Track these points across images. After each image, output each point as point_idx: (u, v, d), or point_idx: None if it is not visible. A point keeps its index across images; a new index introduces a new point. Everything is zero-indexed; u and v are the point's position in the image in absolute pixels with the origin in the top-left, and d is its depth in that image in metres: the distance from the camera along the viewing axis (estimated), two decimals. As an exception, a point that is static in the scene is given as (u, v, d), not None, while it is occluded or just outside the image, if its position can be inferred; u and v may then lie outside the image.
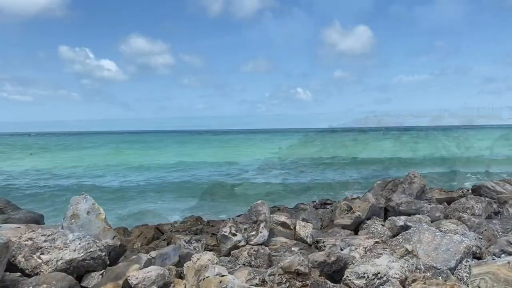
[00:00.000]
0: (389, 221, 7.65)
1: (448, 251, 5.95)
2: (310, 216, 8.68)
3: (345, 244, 6.28)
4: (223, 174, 28.92)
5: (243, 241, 6.42)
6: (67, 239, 5.31)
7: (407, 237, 6.41)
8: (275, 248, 6.64)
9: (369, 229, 7.54)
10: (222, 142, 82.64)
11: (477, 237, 6.82)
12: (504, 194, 10.02)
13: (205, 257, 5.06)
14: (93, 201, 6.16)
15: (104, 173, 30.70)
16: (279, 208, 11.04)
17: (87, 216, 5.99)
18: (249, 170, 31.74)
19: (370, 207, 8.02)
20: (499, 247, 6.37)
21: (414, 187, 9.20)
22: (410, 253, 5.36)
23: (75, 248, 5.21)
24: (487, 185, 10.51)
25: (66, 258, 5.12)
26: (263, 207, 6.92)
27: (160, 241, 8.58)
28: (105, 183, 25.29)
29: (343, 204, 8.13)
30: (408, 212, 8.36)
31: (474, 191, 10.82)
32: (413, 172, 9.66)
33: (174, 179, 26.69)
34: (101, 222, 6.02)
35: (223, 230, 6.48)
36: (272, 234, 7.09)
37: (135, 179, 26.92)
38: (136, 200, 19.52)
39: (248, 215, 6.85)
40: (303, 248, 6.76)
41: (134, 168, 33.49)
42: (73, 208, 6.04)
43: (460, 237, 6.24)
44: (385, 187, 9.43)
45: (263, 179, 26.49)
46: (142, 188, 23.22)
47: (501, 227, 7.83)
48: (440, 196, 10.64)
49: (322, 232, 7.67)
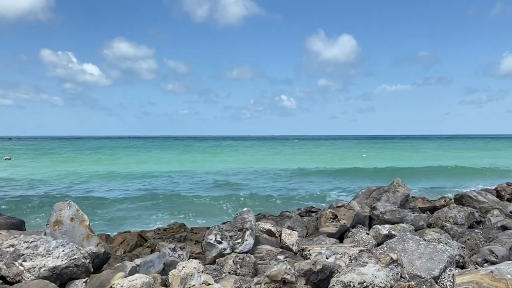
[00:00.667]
0: (373, 229, 7.69)
1: (431, 260, 5.99)
2: (295, 224, 8.68)
3: (331, 252, 6.27)
4: (200, 183, 28.76)
5: (229, 249, 6.38)
6: (50, 246, 5.21)
7: (392, 245, 6.44)
8: (260, 256, 6.61)
9: (354, 237, 7.56)
10: (204, 150, 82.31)
11: (460, 246, 6.88)
12: (486, 203, 10.16)
13: (190, 265, 5.02)
14: (77, 208, 6.08)
15: (85, 179, 30.31)
16: (265, 215, 11.01)
17: (70, 222, 5.90)
18: (233, 177, 31.69)
19: (355, 216, 8.05)
20: (482, 256, 6.44)
21: (398, 196, 9.27)
22: (395, 262, 5.37)
23: (58, 255, 5.12)
24: (470, 194, 10.65)
25: (49, 265, 5.03)
26: (248, 214, 6.90)
27: (144, 248, 8.48)
28: (85, 190, 24.97)
29: (328, 212, 8.14)
30: (392, 220, 8.41)
31: (456, 200, 10.95)
32: (397, 180, 9.73)
33: (152, 187, 26.48)
34: (85, 229, 5.94)
35: (208, 238, 6.43)
36: (258, 242, 7.06)
37: (115, 186, 26.59)
38: (118, 207, 19.31)
39: (234, 223, 6.81)
40: (289, 256, 6.74)
41: (113, 175, 33.15)
42: (57, 215, 5.95)
43: (444, 246, 6.28)
44: (370, 195, 9.48)
45: (245, 186, 26.46)
46: (122, 195, 22.98)
47: (483, 236, 7.92)
48: (423, 205, 10.75)
49: (308, 240, 7.67)
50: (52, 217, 5.94)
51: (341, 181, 28.46)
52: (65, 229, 5.85)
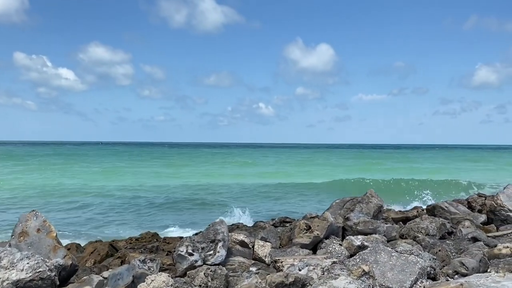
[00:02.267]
0: (346, 240, 7.69)
1: (403, 272, 6.01)
2: (269, 235, 8.63)
3: (303, 264, 6.24)
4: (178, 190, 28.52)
5: (200, 261, 6.30)
6: (14, 258, 5.05)
7: (364, 257, 6.45)
8: (232, 268, 6.53)
9: (327, 248, 7.55)
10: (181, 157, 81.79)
11: (431, 257, 6.92)
12: (458, 214, 10.30)
13: (159, 279, 4.91)
14: (44, 218, 5.91)
15: (56, 185, 29.71)
16: (238, 226, 10.96)
17: (37, 234, 5.74)
18: (206, 188, 31.52)
19: (328, 226, 8.04)
20: (453, 268, 6.49)
21: (371, 207, 9.31)
22: (367, 274, 5.37)
23: (22, 267, 4.97)
24: (441, 205, 10.78)
25: (12, 278, 4.87)
26: (221, 225, 6.82)
27: (114, 259, 8.31)
28: (56, 196, 24.46)
29: (302, 223, 8.12)
30: (365, 231, 8.44)
31: (428, 211, 11.07)
32: (371, 191, 9.78)
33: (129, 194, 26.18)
34: (51, 240, 5.78)
35: (179, 250, 6.33)
36: (230, 253, 6.99)
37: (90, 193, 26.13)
38: (90, 214, 18.99)
39: (206, 234, 6.73)
40: (261, 268, 6.68)
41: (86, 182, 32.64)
42: (22, 225, 5.78)
43: (415, 258, 6.31)
44: (344, 206, 9.50)
45: (218, 196, 26.34)
46: (95, 202, 22.64)
47: (455, 248, 8.00)
48: (396, 216, 10.84)
49: (281, 251, 7.63)
50: (18, 228, 5.77)
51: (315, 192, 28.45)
52: (31, 241, 5.68)
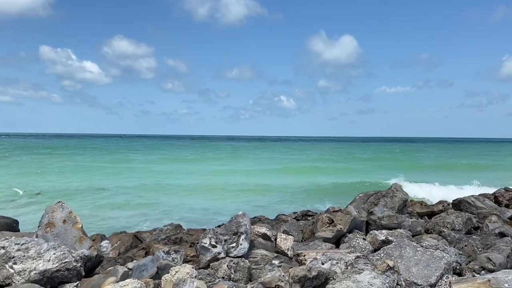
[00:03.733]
0: (370, 235, 7.61)
1: (428, 267, 5.92)
2: (291, 228, 8.60)
3: (326, 258, 6.19)
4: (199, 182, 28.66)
5: (223, 253, 6.32)
6: (41, 249, 5.13)
7: (389, 252, 6.38)
8: (255, 261, 6.54)
9: (350, 242, 7.49)
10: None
11: (457, 252, 6.82)
12: (484, 209, 10.10)
13: (183, 270, 4.94)
14: (70, 209, 6.00)
15: (81, 178, 30.17)
16: (260, 219, 10.95)
17: (63, 225, 5.83)
18: (231, 178, 31.61)
19: (351, 221, 7.97)
20: (479, 264, 6.37)
21: (395, 201, 9.20)
22: (391, 269, 5.30)
23: (49, 258, 5.05)
24: (467, 200, 10.59)
25: (39, 268, 4.96)
26: (244, 218, 6.83)
27: (138, 250, 8.40)
28: (82, 189, 24.84)
29: (324, 216, 8.07)
30: (390, 226, 8.34)
31: (454, 205, 10.89)
32: (396, 185, 9.66)
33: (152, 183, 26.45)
34: (77, 231, 5.86)
35: (203, 242, 6.36)
36: (253, 246, 6.99)
37: (112, 185, 26.44)
38: (116, 206, 19.25)
39: (229, 226, 6.74)
40: (284, 261, 6.67)
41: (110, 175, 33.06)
42: (49, 216, 5.87)
43: (441, 253, 6.22)
44: (367, 200, 9.40)
45: (242, 189, 26.39)
46: (121, 193, 22.93)
47: (481, 243, 7.85)
48: (421, 210, 10.69)
49: (303, 245, 7.59)
50: (44, 219, 5.87)
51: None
52: (57, 231, 5.78)
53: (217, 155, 61.97)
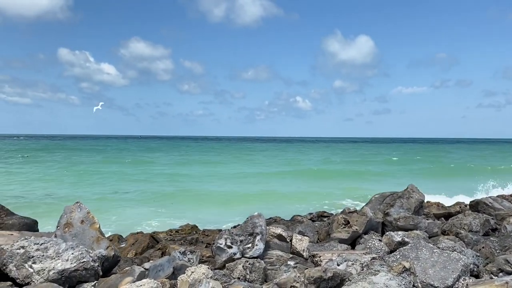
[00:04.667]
0: (386, 236, 7.57)
1: (445, 269, 5.88)
2: (306, 229, 8.60)
3: (342, 259, 6.19)
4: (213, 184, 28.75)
5: (239, 254, 6.34)
6: (59, 249, 5.21)
7: (405, 253, 6.34)
8: (270, 262, 6.55)
9: (366, 244, 7.46)
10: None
11: (474, 254, 6.75)
12: (502, 210, 9.97)
13: (199, 271, 4.98)
14: (88, 210, 6.08)
15: (97, 180, 30.45)
16: (276, 220, 10.96)
17: (81, 225, 5.91)
18: (247, 179, 31.66)
19: (367, 222, 7.95)
20: (497, 266, 6.31)
21: (412, 202, 9.14)
22: (407, 270, 5.28)
23: (67, 258, 5.12)
24: (485, 201, 10.46)
25: (58, 268, 5.03)
26: (259, 219, 6.84)
27: (155, 250, 8.48)
28: (98, 190, 25.11)
29: (340, 217, 8.05)
30: (406, 227, 8.29)
31: (472, 206, 10.77)
32: (412, 186, 9.59)
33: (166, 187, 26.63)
34: (95, 231, 5.94)
35: (218, 242, 6.40)
36: (268, 246, 7.01)
37: (126, 187, 26.66)
38: (131, 207, 19.43)
39: (244, 227, 6.77)
40: (299, 262, 6.67)
41: (126, 176, 33.34)
42: (67, 217, 5.96)
43: (458, 255, 6.16)
44: (383, 201, 9.35)
45: (259, 188, 26.41)
46: (135, 196, 23.14)
47: (499, 245, 7.76)
48: (438, 211, 10.60)
49: (319, 246, 7.59)
50: (63, 219, 5.96)
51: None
52: (75, 232, 5.86)
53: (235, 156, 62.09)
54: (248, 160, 54.66)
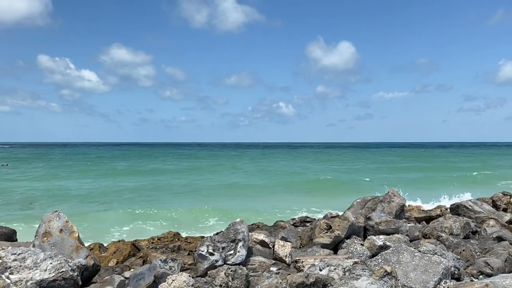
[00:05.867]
0: (368, 240, 7.60)
1: (426, 272, 5.92)
2: (289, 235, 8.59)
3: (324, 264, 6.19)
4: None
5: (221, 261, 6.29)
6: (38, 258, 5.12)
7: (386, 257, 6.38)
8: (253, 268, 6.52)
9: (348, 248, 7.48)
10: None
11: (455, 257, 6.81)
12: (482, 213, 10.09)
13: (180, 279, 4.93)
14: (67, 219, 5.99)
15: (76, 188, 30.05)
16: (258, 225, 10.91)
17: (59, 234, 5.82)
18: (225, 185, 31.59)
19: (349, 226, 7.97)
20: (477, 268, 6.37)
21: (393, 206, 9.20)
22: (389, 274, 5.30)
23: (46, 268, 5.03)
24: (465, 204, 10.58)
25: (36, 278, 4.94)
26: (241, 225, 6.81)
27: (136, 259, 8.37)
28: (78, 199, 24.81)
29: (322, 222, 8.06)
30: (387, 231, 8.34)
31: (452, 210, 10.88)
32: (393, 190, 9.66)
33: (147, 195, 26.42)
34: (74, 240, 5.85)
35: (200, 249, 6.34)
36: (251, 253, 6.97)
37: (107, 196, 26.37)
38: (112, 215, 19.23)
39: (226, 234, 6.72)
40: (282, 268, 6.65)
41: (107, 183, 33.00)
42: (46, 226, 5.86)
43: (439, 258, 6.22)
44: (365, 205, 9.40)
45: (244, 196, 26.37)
46: (119, 202, 22.92)
47: (479, 247, 7.84)
48: (419, 215, 10.68)
49: (301, 251, 7.58)
50: (41, 228, 5.86)
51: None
52: (54, 241, 5.76)
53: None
54: (231, 167, 54.37)
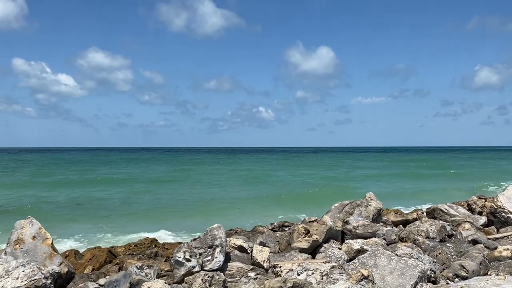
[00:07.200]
0: (346, 244, 7.64)
1: (403, 275, 5.95)
2: (267, 239, 8.58)
3: (302, 268, 6.19)
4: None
5: (198, 267, 6.24)
6: (9, 266, 5.00)
7: (364, 261, 6.40)
8: (231, 274, 6.48)
9: (326, 252, 7.50)
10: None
11: (431, 260, 6.87)
12: (457, 217, 10.23)
13: (156, 286, 4.86)
14: (40, 225, 5.86)
15: (52, 193, 29.53)
16: (237, 231, 10.89)
17: (32, 241, 5.69)
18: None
19: (327, 230, 7.99)
20: (453, 271, 6.44)
21: (370, 210, 9.26)
22: (366, 278, 5.32)
23: (18, 276, 4.91)
24: (441, 207, 10.71)
25: (7, 286, 4.82)
26: (219, 231, 6.77)
27: (112, 266, 8.26)
28: (54, 204, 24.40)
29: (300, 227, 8.07)
30: (365, 235, 8.39)
31: (428, 213, 11.00)
32: (370, 194, 9.73)
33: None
34: (47, 247, 5.73)
35: (177, 256, 6.28)
36: (228, 258, 6.93)
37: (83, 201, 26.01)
38: (87, 222, 18.94)
39: (204, 239, 6.67)
40: (260, 273, 6.63)
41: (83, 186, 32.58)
42: (18, 233, 5.73)
43: (415, 261, 6.26)
44: (343, 209, 9.45)
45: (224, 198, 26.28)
46: (95, 209, 22.62)
47: (455, 250, 7.94)
48: (395, 219, 10.77)
49: (280, 256, 7.57)
50: (13, 235, 5.72)
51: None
52: (27, 248, 5.63)
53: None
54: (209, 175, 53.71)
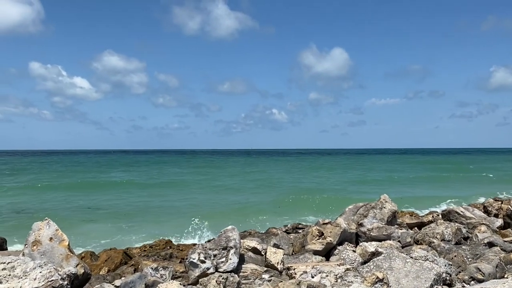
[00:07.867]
0: (360, 247, 7.61)
1: (418, 278, 5.92)
2: (281, 241, 8.57)
3: (316, 271, 6.18)
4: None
5: (212, 269, 6.26)
6: (27, 267, 5.07)
7: (378, 264, 6.37)
8: (245, 276, 6.49)
9: (340, 255, 7.48)
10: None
11: (447, 263, 6.82)
12: (473, 219, 10.15)
13: (171, 287, 4.90)
14: (57, 227, 5.94)
15: (69, 195, 29.83)
16: (250, 232, 10.91)
17: (49, 242, 5.77)
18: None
19: (341, 233, 7.97)
20: (469, 274, 6.39)
21: (385, 212, 9.21)
22: (381, 281, 5.31)
23: (35, 277, 4.98)
24: (457, 210, 10.63)
25: (25, 287, 4.89)
26: (233, 232, 6.79)
27: (128, 267, 8.33)
28: (71, 206, 24.65)
29: (314, 229, 8.06)
30: (379, 237, 8.34)
31: (444, 216, 10.93)
32: (384, 196, 9.68)
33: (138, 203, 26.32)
34: (64, 249, 5.80)
35: (192, 257, 6.31)
36: (242, 260, 6.94)
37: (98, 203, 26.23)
38: (104, 223, 19.11)
39: (218, 241, 6.70)
40: (274, 275, 6.63)
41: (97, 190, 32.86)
42: (35, 234, 5.81)
43: (431, 264, 6.22)
44: (357, 211, 9.41)
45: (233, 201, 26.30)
46: (110, 210, 22.81)
47: (471, 253, 7.87)
48: (410, 221, 10.71)
49: (293, 258, 7.57)
50: (31, 237, 5.81)
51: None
52: (44, 249, 5.71)
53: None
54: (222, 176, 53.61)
